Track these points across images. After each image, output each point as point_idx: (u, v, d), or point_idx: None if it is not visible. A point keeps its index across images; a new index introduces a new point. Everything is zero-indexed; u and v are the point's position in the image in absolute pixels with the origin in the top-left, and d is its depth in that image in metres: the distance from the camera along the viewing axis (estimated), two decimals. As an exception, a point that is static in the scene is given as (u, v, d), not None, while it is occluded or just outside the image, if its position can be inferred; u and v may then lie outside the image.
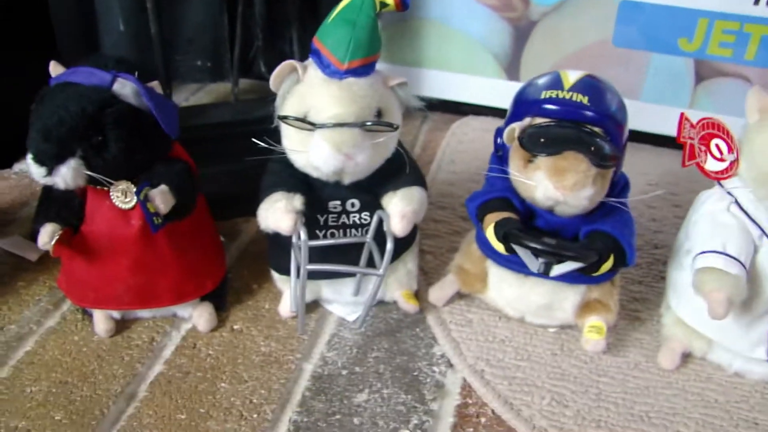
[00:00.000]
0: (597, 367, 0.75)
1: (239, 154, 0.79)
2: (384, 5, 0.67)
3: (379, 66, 0.69)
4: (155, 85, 0.70)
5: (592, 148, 0.64)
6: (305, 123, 0.67)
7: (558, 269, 0.66)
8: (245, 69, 1.05)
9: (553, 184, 0.63)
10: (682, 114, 0.71)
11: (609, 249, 0.66)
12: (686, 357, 0.76)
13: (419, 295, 0.83)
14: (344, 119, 0.66)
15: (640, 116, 1.11)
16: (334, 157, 0.66)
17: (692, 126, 0.70)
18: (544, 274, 0.67)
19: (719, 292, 0.63)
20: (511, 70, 1.16)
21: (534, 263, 0.67)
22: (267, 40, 0.97)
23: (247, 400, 0.71)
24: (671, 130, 0.68)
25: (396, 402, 0.71)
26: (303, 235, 0.68)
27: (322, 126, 0.66)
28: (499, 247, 0.68)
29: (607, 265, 0.67)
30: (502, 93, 0.68)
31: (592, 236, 0.67)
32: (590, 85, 0.67)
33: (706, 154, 0.69)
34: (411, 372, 0.75)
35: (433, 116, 1.26)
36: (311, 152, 0.67)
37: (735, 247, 0.65)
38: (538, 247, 0.64)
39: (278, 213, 0.69)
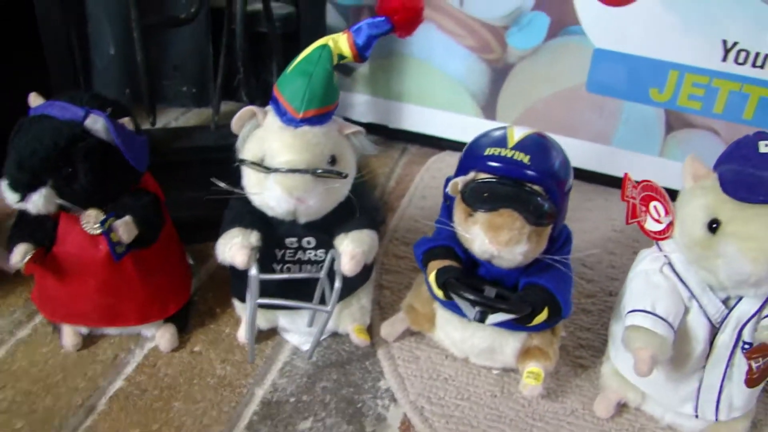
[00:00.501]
0: (534, 412, 0.78)
1: (213, 192, 0.83)
2: (342, 57, 0.71)
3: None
4: (126, 121, 0.74)
5: (530, 207, 0.67)
6: (261, 167, 0.71)
7: (493, 318, 0.69)
8: (230, 95, 1.09)
9: (489, 239, 0.67)
10: (625, 174, 0.73)
11: (543, 302, 0.69)
12: (622, 407, 0.79)
13: (372, 329, 0.86)
14: (296, 165, 0.69)
15: (612, 161, 1.14)
16: (286, 200, 0.70)
17: (634, 186, 0.73)
18: (480, 321, 0.70)
19: (645, 350, 0.66)
20: (488, 109, 1.19)
21: (471, 311, 0.70)
22: (248, 71, 1.01)
23: (197, 421, 0.75)
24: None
25: (338, 431, 0.75)
26: (254, 270, 0.72)
27: (276, 170, 0.70)
28: (439, 294, 0.71)
29: (541, 317, 0.70)
30: (478, 130, 0.72)
31: (528, 289, 0.70)
32: (534, 143, 0.71)
33: (646, 215, 0.72)
34: (355, 404, 0.78)
35: (412, 149, 1.30)
36: (265, 194, 0.71)
37: (663, 308, 0.68)
38: (473, 298, 0.68)
39: (234, 248, 0.73)
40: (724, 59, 1.03)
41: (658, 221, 0.71)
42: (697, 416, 0.73)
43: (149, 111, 1.05)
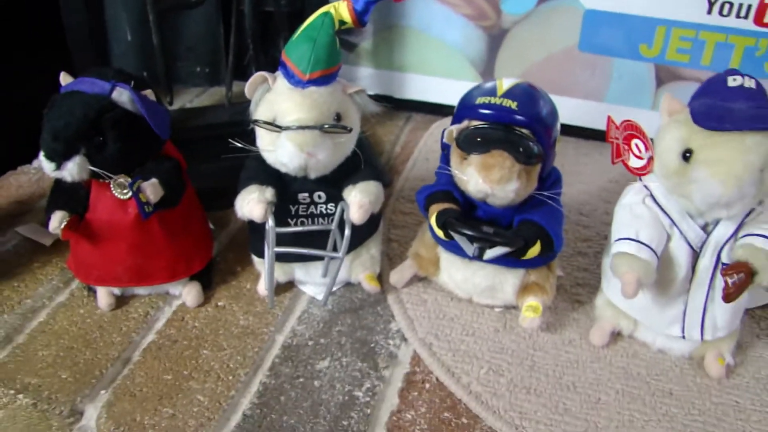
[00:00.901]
0: (534, 343, 0.84)
1: (230, 152, 0.89)
2: (343, 23, 0.77)
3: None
4: (148, 93, 0.81)
5: (519, 148, 0.73)
6: (273, 126, 0.77)
7: (490, 253, 0.75)
8: (241, 73, 1.16)
9: (482, 178, 0.73)
10: (608, 117, 0.79)
11: (535, 235, 0.75)
12: (616, 335, 0.85)
13: (382, 278, 0.93)
14: (305, 122, 0.76)
15: (605, 117, 1.19)
16: (298, 155, 0.76)
17: (617, 127, 0.79)
18: (479, 257, 0.76)
19: (630, 274, 0.72)
20: (486, 74, 1.25)
21: (469, 248, 0.76)
22: (258, 49, 1.07)
23: (224, 365, 0.82)
24: None
25: (353, 369, 0.81)
26: (270, 222, 0.78)
27: (287, 128, 0.76)
28: (440, 234, 0.77)
29: (535, 250, 0.76)
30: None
31: (521, 225, 0.77)
32: (522, 91, 0.76)
33: (629, 153, 0.78)
34: (369, 344, 0.85)
35: (416, 117, 1.36)
36: (279, 151, 0.78)
37: (647, 235, 0.74)
38: (471, 233, 0.74)
39: (251, 203, 0.79)
40: (709, 12, 1.07)
41: (639, 158, 0.77)
42: (684, 337, 0.79)
43: (166, 92, 1.12)
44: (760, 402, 0.78)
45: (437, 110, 1.33)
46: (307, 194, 0.84)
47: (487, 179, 0.72)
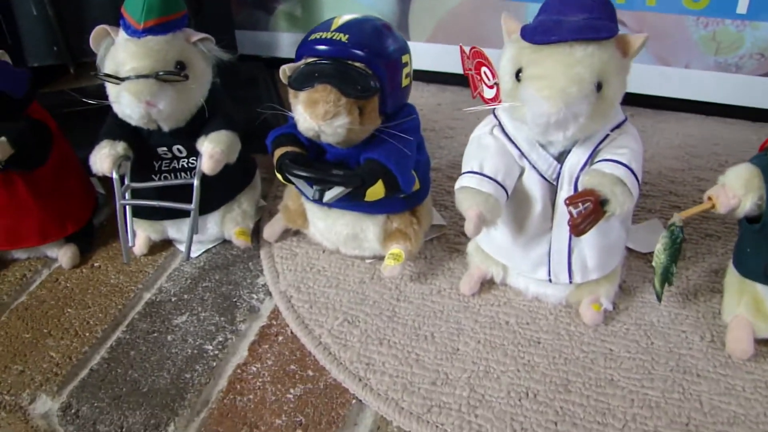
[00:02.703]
0: (400, 294, 0.79)
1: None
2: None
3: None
4: (1, 53, 0.80)
5: (348, 82, 0.68)
6: (114, 78, 0.75)
7: (329, 194, 0.71)
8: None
9: (308, 115, 0.68)
10: (460, 47, 0.74)
11: (374, 173, 0.70)
12: (489, 283, 0.79)
13: (260, 235, 0.89)
14: (140, 71, 0.74)
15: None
16: (137, 104, 0.74)
17: (468, 57, 0.73)
18: (319, 200, 0.71)
19: (471, 209, 0.66)
20: (401, 30, 1.19)
21: (309, 191, 0.72)
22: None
23: (84, 322, 0.80)
24: None
25: (209, 323, 0.78)
26: (114, 175, 0.76)
27: (125, 79, 0.74)
28: (279, 177, 0.73)
29: (377, 190, 0.71)
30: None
31: (364, 164, 0.72)
32: (356, 24, 0.72)
33: (481, 83, 0.73)
34: (231, 299, 0.81)
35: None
36: (120, 102, 0.75)
37: (491, 167, 0.68)
38: (304, 174, 0.70)
39: (101, 157, 0.77)
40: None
41: (490, 86, 0.72)
42: (551, 280, 0.73)
43: (72, 65, 1.10)
44: (636, 349, 0.71)
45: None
46: (165, 148, 0.82)
47: (312, 115, 0.68)
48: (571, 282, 0.72)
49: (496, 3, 1.11)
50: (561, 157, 0.68)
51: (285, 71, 0.71)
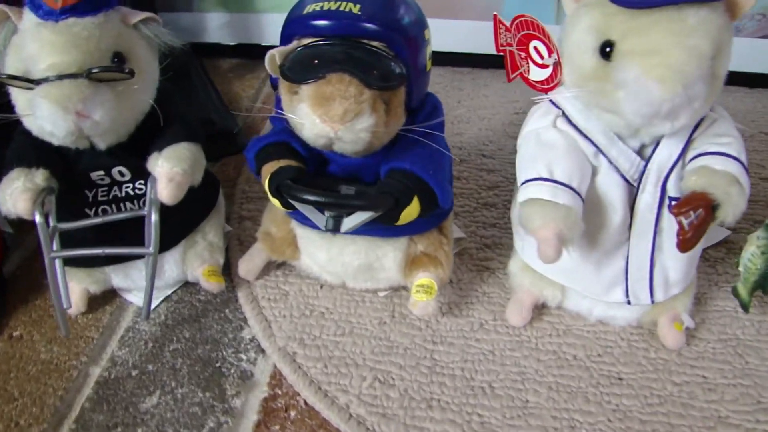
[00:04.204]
0: (434, 334, 0.63)
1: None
2: None
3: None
4: None
5: (369, 68, 0.50)
6: (21, 80, 0.53)
7: (349, 222, 0.53)
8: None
9: (319, 117, 0.50)
10: (494, 16, 0.57)
11: (409, 189, 0.53)
12: (541, 308, 0.64)
13: (232, 271, 0.70)
14: (64, 70, 0.53)
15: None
16: (62, 117, 0.53)
17: (507, 29, 0.57)
18: (334, 230, 0.54)
19: (546, 228, 0.51)
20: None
21: (320, 219, 0.54)
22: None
23: (12, 423, 0.58)
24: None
25: (191, 403, 0.59)
26: (38, 218, 0.55)
27: (40, 81, 0.53)
28: (276, 203, 0.55)
29: (412, 210, 0.54)
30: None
31: (389, 177, 0.54)
32: (367, -10, 0.54)
33: (528, 62, 0.57)
34: (213, 363, 0.62)
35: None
36: (36, 115, 0.54)
37: (563, 171, 0.52)
38: (313, 198, 0.51)
39: (15, 194, 0.56)
40: None
41: (542, 66, 0.56)
42: (629, 302, 0.59)
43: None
44: (733, 373, 0.59)
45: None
46: (102, 172, 0.61)
47: (326, 116, 0.50)
48: (653, 301, 0.58)
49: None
50: (643, 151, 0.54)
51: (274, 57, 0.52)
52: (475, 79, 1.02)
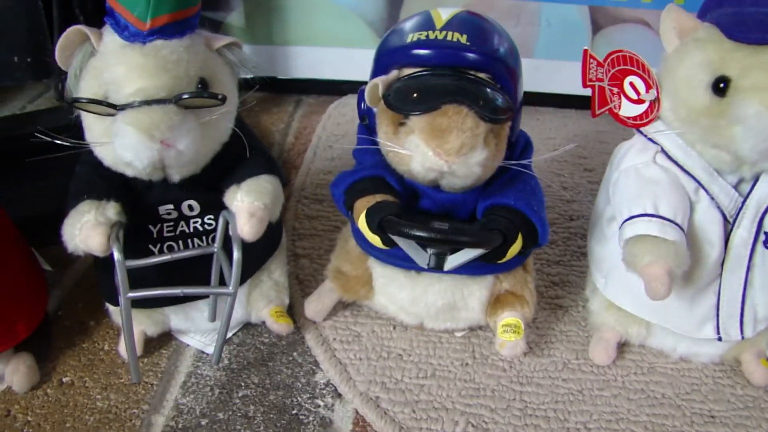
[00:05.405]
0: (519, 375, 0.61)
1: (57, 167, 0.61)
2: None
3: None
4: None
5: (480, 99, 0.49)
6: (104, 105, 0.50)
7: (453, 260, 0.52)
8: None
9: (433, 150, 0.49)
10: (585, 51, 0.57)
11: (515, 226, 0.52)
12: (622, 347, 0.63)
13: (294, 311, 0.67)
14: (152, 95, 0.50)
15: (536, 75, 0.99)
16: (147, 146, 0.50)
17: (600, 64, 0.57)
18: (437, 268, 0.52)
19: (656, 265, 0.50)
20: (390, 37, 1.01)
21: (422, 257, 0.52)
22: (92, 18, 0.79)
23: (75, 482, 0.54)
24: (572, 88, 0.55)
25: (271, 453, 0.55)
26: (117, 254, 0.51)
27: (124, 107, 0.49)
28: (376, 241, 0.53)
29: (515, 248, 0.52)
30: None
31: (492, 213, 0.53)
32: (469, 21, 0.54)
33: (620, 97, 0.56)
34: (289, 410, 0.59)
35: (308, 99, 1.11)
36: (117, 144, 0.51)
37: (668, 207, 0.52)
38: (424, 235, 0.49)
39: (86, 229, 0.52)
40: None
41: (637, 101, 0.56)
42: (720, 338, 0.58)
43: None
44: (824, 408, 0.58)
45: (333, 88, 1.09)
46: (171, 206, 0.58)
47: (441, 150, 0.48)
48: (743, 337, 0.58)
49: (504, 5, 0.96)
50: (740, 186, 0.54)
51: (377, 87, 0.51)
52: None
